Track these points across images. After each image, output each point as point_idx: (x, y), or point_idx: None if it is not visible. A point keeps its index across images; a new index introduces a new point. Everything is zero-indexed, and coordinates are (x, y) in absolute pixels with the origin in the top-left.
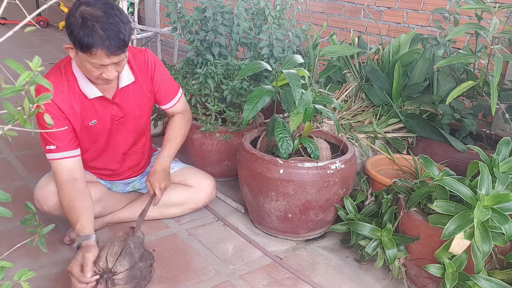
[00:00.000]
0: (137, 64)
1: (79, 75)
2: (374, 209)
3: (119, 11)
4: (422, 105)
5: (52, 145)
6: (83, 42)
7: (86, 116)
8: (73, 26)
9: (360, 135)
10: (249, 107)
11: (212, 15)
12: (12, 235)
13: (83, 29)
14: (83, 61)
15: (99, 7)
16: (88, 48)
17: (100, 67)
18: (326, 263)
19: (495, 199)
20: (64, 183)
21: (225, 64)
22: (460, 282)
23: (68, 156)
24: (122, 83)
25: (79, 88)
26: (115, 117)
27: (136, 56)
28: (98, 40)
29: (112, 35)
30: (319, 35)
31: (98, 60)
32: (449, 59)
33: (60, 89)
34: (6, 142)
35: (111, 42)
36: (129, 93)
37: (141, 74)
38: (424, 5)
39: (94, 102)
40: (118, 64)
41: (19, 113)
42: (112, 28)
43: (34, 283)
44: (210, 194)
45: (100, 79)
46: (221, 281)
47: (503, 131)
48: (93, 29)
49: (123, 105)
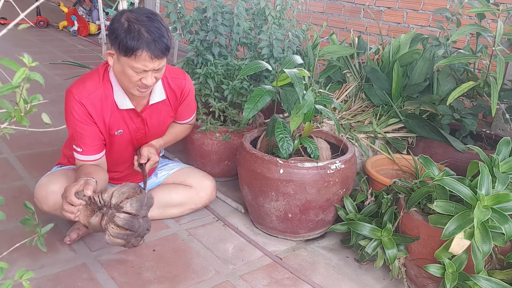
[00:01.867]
0: (173, 86)
1: (116, 84)
2: (374, 209)
3: (161, 17)
4: (422, 105)
5: (79, 147)
6: (129, 45)
7: (113, 125)
8: (118, 30)
9: (360, 135)
10: (249, 106)
11: (212, 15)
12: (12, 236)
13: (129, 32)
14: (124, 66)
15: (143, 13)
16: (133, 51)
17: (141, 73)
18: (326, 263)
19: (495, 199)
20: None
21: (225, 64)
22: (460, 282)
23: (91, 160)
24: (153, 100)
25: (113, 97)
26: (138, 129)
27: (174, 78)
28: (143, 43)
29: (156, 38)
30: (319, 35)
31: (141, 64)
32: (449, 59)
33: (95, 95)
34: (6, 142)
35: (156, 45)
36: (157, 110)
37: (171, 96)
38: (424, 5)
39: (123, 113)
40: (158, 71)
41: (16, 110)
42: (157, 31)
43: (34, 283)
44: (210, 195)
45: (138, 86)
46: (221, 281)
47: (503, 131)
48: (139, 32)
49: (148, 120)
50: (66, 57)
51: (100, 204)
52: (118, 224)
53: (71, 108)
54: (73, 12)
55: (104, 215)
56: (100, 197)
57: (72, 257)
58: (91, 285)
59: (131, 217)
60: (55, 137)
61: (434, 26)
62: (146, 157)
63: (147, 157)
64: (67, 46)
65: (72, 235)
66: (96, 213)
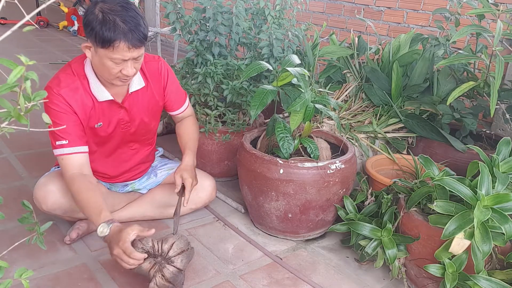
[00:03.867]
0: (149, 71)
1: (91, 76)
2: (374, 209)
3: (135, 6)
4: (422, 105)
5: (63, 140)
6: (105, 36)
7: (93, 117)
8: (93, 22)
9: (360, 135)
10: (255, 104)
11: (211, 15)
12: (12, 236)
13: (104, 23)
14: (103, 58)
15: (116, 3)
16: (110, 42)
17: (121, 63)
18: (326, 263)
19: (495, 199)
20: (75, 177)
21: (225, 64)
22: (460, 282)
23: (79, 152)
24: (132, 88)
25: (90, 90)
26: (122, 121)
27: (148, 63)
28: (120, 33)
29: (133, 28)
30: (319, 35)
31: (120, 54)
32: (450, 59)
33: (72, 88)
34: (6, 142)
35: (133, 34)
36: (139, 98)
37: (152, 81)
38: (424, 5)
39: (103, 105)
40: (137, 60)
41: (14, 109)
42: (132, 20)
43: (34, 283)
44: (210, 194)
45: (119, 77)
46: (221, 281)
47: (503, 131)
48: (115, 22)
49: (132, 110)
50: (66, 57)
51: (157, 253)
52: (165, 276)
53: (49, 102)
54: (73, 12)
55: (156, 264)
56: (160, 246)
57: (72, 257)
58: (91, 285)
59: (178, 272)
60: None
61: (434, 26)
62: (179, 186)
63: (179, 185)
64: (67, 46)
65: (72, 235)
66: (149, 260)
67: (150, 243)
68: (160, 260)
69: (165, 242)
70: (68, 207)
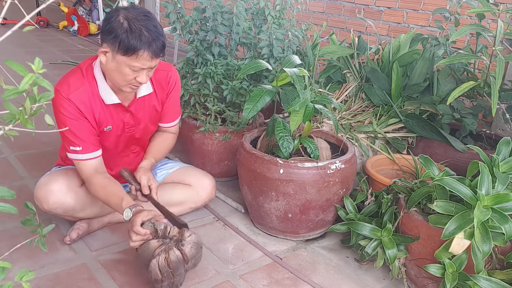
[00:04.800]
0: (158, 78)
1: (101, 80)
2: (374, 209)
3: (154, 16)
4: (422, 105)
5: (77, 146)
6: (131, 44)
7: (102, 121)
8: (117, 29)
9: (360, 135)
10: (249, 107)
11: (211, 15)
12: (12, 235)
13: (130, 32)
14: (121, 64)
15: (140, 12)
16: (135, 50)
17: (138, 71)
18: (326, 263)
19: (495, 199)
20: (93, 176)
21: (225, 64)
22: (460, 282)
23: (93, 157)
24: (140, 93)
25: (99, 93)
26: (127, 125)
27: (159, 70)
28: (145, 43)
29: (155, 38)
30: (319, 35)
31: (141, 63)
32: (450, 59)
33: (81, 91)
34: (6, 142)
35: (156, 44)
36: (145, 104)
37: (158, 88)
38: (424, 5)
39: (110, 108)
40: (152, 69)
41: (20, 113)
42: (156, 30)
43: (34, 283)
44: (210, 193)
45: (131, 84)
46: (221, 281)
47: (503, 131)
48: (140, 32)
49: (137, 114)
50: (66, 57)
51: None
52: (169, 258)
53: (59, 106)
54: (73, 12)
55: (163, 245)
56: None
57: (72, 257)
58: (91, 285)
59: (182, 260)
60: (55, 137)
61: (434, 26)
62: (147, 186)
63: (147, 185)
64: (67, 46)
65: (72, 235)
66: (159, 240)
67: (163, 226)
68: (169, 242)
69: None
70: (69, 207)
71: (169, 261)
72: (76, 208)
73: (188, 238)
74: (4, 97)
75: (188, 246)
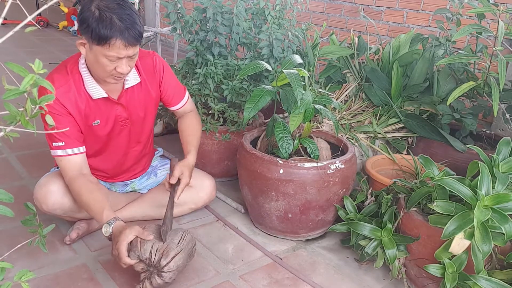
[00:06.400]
0: (144, 67)
1: (86, 74)
2: (374, 209)
3: (131, 4)
4: (422, 105)
5: (60, 141)
6: (101, 33)
7: (89, 115)
8: (89, 19)
9: (360, 135)
10: (249, 106)
11: (212, 15)
12: (12, 236)
13: (100, 21)
14: (98, 55)
15: (113, 0)
16: (106, 39)
17: (116, 61)
18: (326, 263)
19: (495, 199)
20: (75, 178)
21: (225, 64)
22: (460, 282)
23: (77, 153)
24: (128, 84)
25: (85, 88)
26: (120, 117)
27: (143, 58)
28: (116, 31)
29: (129, 26)
30: (319, 35)
31: (115, 52)
32: (450, 59)
33: (65, 88)
34: (6, 142)
35: (129, 32)
36: (134, 94)
37: (148, 77)
38: (424, 5)
39: (99, 102)
40: (132, 58)
41: (21, 114)
42: (129, 18)
43: (34, 283)
44: (210, 194)
45: (113, 75)
46: (221, 281)
47: (503, 131)
48: (111, 20)
49: (128, 106)
50: (66, 57)
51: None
52: (152, 284)
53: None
54: (73, 12)
55: (147, 271)
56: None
57: (72, 257)
58: (91, 285)
59: (164, 284)
60: None
61: (434, 26)
62: (176, 178)
63: (177, 177)
64: (67, 46)
65: (72, 235)
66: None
67: (147, 254)
68: (153, 269)
69: (165, 256)
70: (69, 207)
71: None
72: (75, 208)
73: (172, 264)
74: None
75: (168, 276)
